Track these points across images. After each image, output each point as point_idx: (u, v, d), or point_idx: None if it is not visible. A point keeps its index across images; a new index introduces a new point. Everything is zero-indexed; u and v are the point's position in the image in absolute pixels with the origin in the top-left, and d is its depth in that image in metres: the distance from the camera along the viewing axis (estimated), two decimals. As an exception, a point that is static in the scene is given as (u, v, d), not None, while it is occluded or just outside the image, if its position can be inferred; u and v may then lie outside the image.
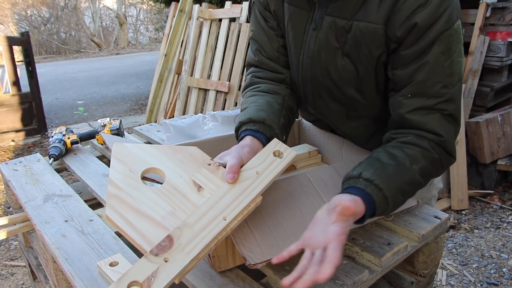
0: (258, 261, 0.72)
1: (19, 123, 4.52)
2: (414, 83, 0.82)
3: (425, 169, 0.81)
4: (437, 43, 0.79)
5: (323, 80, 0.94)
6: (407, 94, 0.84)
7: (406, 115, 0.84)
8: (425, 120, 0.82)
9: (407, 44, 0.81)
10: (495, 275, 2.17)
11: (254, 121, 0.90)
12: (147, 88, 6.39)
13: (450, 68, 0.81)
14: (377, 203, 0.76)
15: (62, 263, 0.87)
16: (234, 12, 3.62)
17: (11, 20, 13.12)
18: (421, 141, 0.82)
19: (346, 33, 0.86)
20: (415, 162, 0.80)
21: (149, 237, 0.66)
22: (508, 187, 2.99)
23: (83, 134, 1.55)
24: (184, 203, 0.73)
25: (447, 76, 0.81)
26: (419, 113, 0.83)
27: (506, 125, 2.96)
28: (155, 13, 14.85)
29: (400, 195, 0.79)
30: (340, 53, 0.89)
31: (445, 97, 0.82)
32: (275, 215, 0.80)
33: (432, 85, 0.81)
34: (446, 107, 0.82)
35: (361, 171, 0.78)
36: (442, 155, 0.83)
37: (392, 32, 0.81)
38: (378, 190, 0.76)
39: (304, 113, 1.19)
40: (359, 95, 0.93)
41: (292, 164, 1.11)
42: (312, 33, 0.91)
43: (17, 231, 1.17)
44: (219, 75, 3.68)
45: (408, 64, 0.82)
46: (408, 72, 0.82)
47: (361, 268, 0.81)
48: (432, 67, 0.80)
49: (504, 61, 2.95)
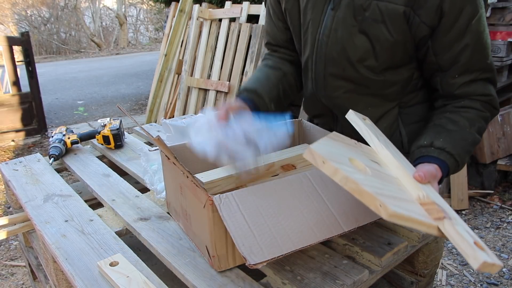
0: (258, 261, 0.72)
1: (19, 123, 4.52)
2: (459, 63, 0.91)
3: (481, 128, 0.93)
4: (474, 24, 0.86)
5: (338, 58, 0.98)
6: (454, 74, 0.93)
7: (457, 89, 0.94)
8: (473, 89, 0.93)
9: (444, 31, 0.88)
10: (495, 275, 2.17)
11: (247, 90, 1.05)
12: (147, 88, 6.39)
13: (486, 42, 0.90)
14: (450, 167, 0.87)
15: (62, 263, 0.87)
16: (234, 12, 3.62)
17: (11, 20, 13.12)
18: (474, 103, 0.93)
19: (364, 11, 0.90)
20: (473, 124, 0.91)
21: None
22: (508, 187, 2.99)
23: (83, 134, 1.55)
24: (392, 179, 0.75)
25: (484, 50, 0.90)
26: (467, 85, 0.93)
27: (506, 125, 2.96)
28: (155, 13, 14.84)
29: (466, 155, 0.90)
30: (356, 30, 0.93)
31: (487, 68, 0.92)
32: (275, 215, 0.80)
33: (476, 62, 0.91)
34: (488, 75, 0.93)
35: (432, 140, 0.89)
36: (492, 111, 0.95)
37: (426, 17, 0.87)
38: (450, 155, 0.87)
39: (308, 107, 1.20)
40: (372, 72, 0.97)
41: (292, 164, 1.11)
42: (330, 12, 0.96)
43: (17, 231, 1.17)
44: (219, 75, 3.68)
45: (450, 47, 0.90)
46: (452, 55, 0.90)
47: (361, 268, 0.81)
48: (473, 48, 0.89)
49: (504, 61, 2.95)
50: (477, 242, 0.64)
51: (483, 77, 0.93)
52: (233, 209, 0.77)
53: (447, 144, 0.87)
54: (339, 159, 0.69)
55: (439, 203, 0.71)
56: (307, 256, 0.85)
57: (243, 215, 0.77)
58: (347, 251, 0.88)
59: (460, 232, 0.64)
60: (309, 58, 1.04)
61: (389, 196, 0.65)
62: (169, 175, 1.00)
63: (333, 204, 0.84)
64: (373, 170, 0.73)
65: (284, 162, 1.08)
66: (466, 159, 0.91)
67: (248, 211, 0.78)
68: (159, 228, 0.98)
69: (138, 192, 1.17)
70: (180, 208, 0.95)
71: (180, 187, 0.91)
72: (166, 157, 0.97)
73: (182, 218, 0.95)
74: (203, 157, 0.87)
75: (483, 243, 0.65)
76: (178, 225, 0.99)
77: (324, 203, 0.84)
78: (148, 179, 1.19)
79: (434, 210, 0.67)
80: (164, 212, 1.06)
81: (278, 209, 0.81)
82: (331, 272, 0.80)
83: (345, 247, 0.89)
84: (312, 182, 0.88)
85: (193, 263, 0.84)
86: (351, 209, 0.85)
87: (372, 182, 0.66)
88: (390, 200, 0.62)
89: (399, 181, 0.76)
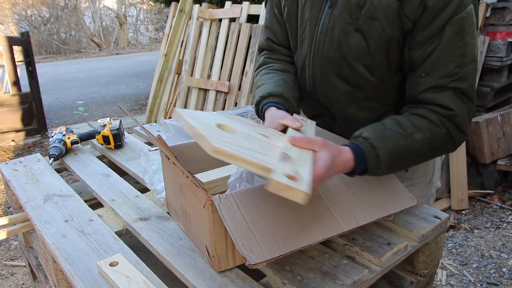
0: (258, 261, 0.72)
1: (19, 123, 4.52)
2: (428, 63, 0.87)
3: (428, 140, 0.85)
4: (450, 25, 0.83)
5: (334, 56, 0.98)
6: (421, 73, 0.88)
7: (420, 93, 0.89)
8: (437, 97, 0.87)
9: (422, 26, 0.85)
10: (495, 275, 2.17)
11: (274, 95, 1.01)
12: (147, 88, 6.39)
13: (462, 48, 0.85)
14: (368, 159, 0.81)
15: (62, 263, 0.87)
16: (234, 12, 3.62)
17: (11, 20, 13.12)
18: (430, 114, 0.87)
19: (360, 9, 0.90)
20: (418, 131, 0.85)
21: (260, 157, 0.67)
22: (508, 187, 2.99)
23: (83, 134, 1.55)
24: (268, 144, 0.75)
25: (459, 56, 0.85)
26: (432, 90, 0.87)
27: (506, 125, 2.96)
28: (155, 13, 14.85)
29: (394, 157, 0.83)
30: (352, 28, 0.93)
31: (457, 76, 0.85)
32: (275, 215, 0.80)
33: (444, 64, 0.85)
34: (458, 85, 0.86)
35: (362, 131, 0.85)
36: (453, 130, 0.87)
37: (410, 11, 0.85)
38: (372, 148, 0.81)
39: (306, 107, 1.20)
40: (368, 72, 0.97)
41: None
42: (328, 11, 0.96)
43: (17, 231, 1.17)
44: (219, 75, 3.68)
45: (423, 45, 0.87)
46: (423, 53, 0.87)
47: (361, 268, 0.81)
48: (445, 48, 0.85)
49: (504, 61, 2.95)
50: (292, 175, 0.63)
51: (453, 87, 0.85)
52: (233, 209, 0.77)
53: (373, 136, 0.83)
54: (205, 122, 0.74)
55: (296, 162, 0.70)
56: (307, 256, 0.85)
57: (243, 215, 0.77)
58: (347, 251, 0.88)
59: (279, 179, 0.62)
60: (307, 56, 1.05)
61: (237, 145, 0.68)
62: (169, 175, 1.00)
63: (333, 204, 0.85)
64: (247, 135, 0.76)
65: (284, 162, 1.08)
66: (393, 162, 0.84)
67: (248, 211, 0.78)
68: (159, 228, 0.98)
69: (138, 192, 1.17)
70: (180, 208, 0.95)
71: (180, 187, 0.91)
72: (166, 157, 0.97)
73: (182, 218, 0.95)
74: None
75: (305, 177, 0.65)
76: (178, 225, 0.99)
77: (324, 203, 0.84)
78: (148, 179, 1.19)
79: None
80: (164, 212, 1.06)
81: (278, 209, 0.81)
82: (331, 272, 0.80)
83: (345, 247, 0.89)
84: (312, 182, 0.88)
85: (193, 263, 0.84)
86: (351, 209, 0.85)
87: (218, 134, 0.70)
88: (221, 141, 0.67)
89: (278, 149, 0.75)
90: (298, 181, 0.63)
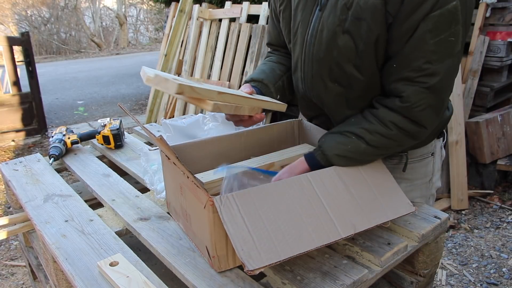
0: (256, 266, 0.72)
1: (19, 123, 4.52)
2: (400, 55, 0.89)
3: (375, 142, 0.93)
4: (424, 21, 0.84)
5: (324, 58, 0.99)
6: (393, 63, 0.91)
7: (391, 83, 0.93)
8: (403, 88, 0.90)
9: (400, 21, 0.87)
10: (495, 275, 2.17)
11: (254, 80, 1.12)
12: (147, 88, 6.39)
13: (436, 45, 0.85)
14: (318, 158, 0.97)
15: (62, 263, 0.87)
16: (234, 12, 3.62)
17: (11, 20, 13.12)
18: (387, 114, 0.93)
19: (347, 10, 0.91)
20: (366, 135, 0.94)
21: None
22: (508, 187, 2.99)
23: (83, 134, 1.55)
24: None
25: (430, 52, 0.86)
26: (401, 82, 0.91)
27: (506, 125, 2.96)
28: (155, 13, 14.85)
29: (341, 158, 0.95)
30: (340, 30, 0.94)
31: (426, 72, 0.87)
32: (275, 220, 0.80)
33: (414, 59, 0.87)
34: (426, 80, 0.88)
35: (324, 139, 0.99)
36: (408, 126, 0.92)
37: (391, 6, 0.87)
38: (323, 154, 0.96)
39: (304, 109, 1.20)
40: (358, 72, 0.97)
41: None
42: (318, 13, 0.98)
43: (17, 231, 1.17)
44: (219, 75, 3.68)
45: (400, 39, 0.88)
46: (398, 46, 0.89)
47: (361, 268, 0.81)
48: (417, 43, 0.86)
49: (504, 61, 2.95)
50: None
51: (421, 82, 0.88)
52: (234, 212, 0.77)
53: (324, 144, 0.97)
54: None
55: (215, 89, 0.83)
56: (307, 256, 0.85)
57: (243, 219, 0.77)
58: (347, 251, 0.88)
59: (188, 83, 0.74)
60: (299, 59, 1.06)
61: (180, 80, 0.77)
62: (169, 175, 1.00)
63: (332, 209, 0.85)
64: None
65: (284, 162, 1.08)
66: (341, 160, 0.95)
67: (248, 214, 0.78)
68: (159, 228, 0.98)
69: (138, 192, 1.17)
70: (180, 208, 0.95)
71: (180, 187, 0.91)
72: (166, 157, 0.97)
73: (182, 218, 0.95)
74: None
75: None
76: (178, 225, 0.99)
77: (324, 208, 0.84)
78: (148, 179, 1.19)
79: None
80: (164, 212, 1.06)
81: (278, 213, 0.81)
82: (331, 272, 0.80)
83: (345, 247, 0.89)
84: (312, 185, 0.88)
85: (193, 263, 0.84)
86: (349, 214, 0.85)
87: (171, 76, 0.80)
88: (161, 73, 0.77)
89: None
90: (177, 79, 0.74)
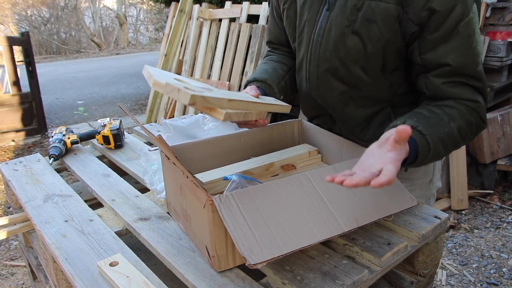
0: (258, 261, 0.72)
1: (19, 123, 4.52)
2: (447, 66, 0.87)
3: (462, 128, 0.87)
4: (462, 26, 0.84)
5: (331, 58, 0.98)
6: (440, 76, 0.89)
7: (443, 93, 0.90)
8: (459, 92, 0.89)
9: (432, 29, 0.86)
10: (495, 275, 2.17)
11: (257, 80, 1.10)
12: (147, 88, 6.40)
13: (476, 48, 0.87)
14: (420, 147, 0.81)
15: (62, 263, 0.87)
16: (234, 12, 3.62)
17: (11, 20, 13.11)
18: (459, 105, 0.88)
19: (357, 11, 0.91)
20: (453, 120, 0.86)
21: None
22: (508, 187, 2.99)
23: (83, 134, 1.55)
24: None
25: (475, 56, 0.87)
26: (454, 87, 0.89)
27: (506, 125, 2.96)
28: (155, 13, 14.84)
29: (440, 144, 0.84)
30: (349, 31, 0.93)
31: (477, 75, 0.88)
32: (275, 215, 0.80)
33: (464, 67, 0.87)
34: (477, 84, 0.89)
35: (405, 120, 0.84)
36: (477, 119, 0.89)
37: (414, 15, 0.86)
38: (421, 135, 0.81)
39: (306, 108, 1.20)
40: (364, 73, 0.97)
41: (292, 164, 1.11)
42: (326, 13, 0.97)
43: (17, 231, 1.17)
44: (219, 75, 3.68)
45: (436, 48, 0.87)
46: (438, 56, 0.87)
47: (361, 268, 0.81)
48: (463, 51, 0.86)
49: (504, 61, 2.95)
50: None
51: (472, 85, 0.89)
52: (233, 209, 0.77)
53: (419, 123, 0.83)
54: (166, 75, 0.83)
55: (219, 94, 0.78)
56: (307, 256, 0.85)
57: (243, 215, 0.77)
58: (347, 251, 0.88)
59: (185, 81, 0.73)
60: (304, 58, 1.05)
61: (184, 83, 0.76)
62: (169, 175, 1.00)
63: (333, 204, 0.85)
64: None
65: (284, 162, 1.08)
66: (439, 149, 0.84)
67: (248, 211, 0.78)
68: (159, 228, 0.98)
69: (138, 192, 1.17)
70: (180, 208, 0.95)
71: (180, 187, 0.91)
72: (166, 157, 0.97)
73: (182, 218, 0.95)
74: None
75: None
76: (178, 225, 0.99)
77: (324, 203, 0.84)
78: (148, 179, 1.19)
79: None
80: (164, 212, 1.06)
81: (278, 210, 0.81)
82: (331, 272, 0.80)
83: (345, 247, 0.89)
84: (312, 182, 0.88)
85: (193, 263, 0.84)
86: (351, 209, 0.85)
87: (172, 77, 0.80)
88: (172, 80, 0.75)
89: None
90: (189, 88, 0.70)
